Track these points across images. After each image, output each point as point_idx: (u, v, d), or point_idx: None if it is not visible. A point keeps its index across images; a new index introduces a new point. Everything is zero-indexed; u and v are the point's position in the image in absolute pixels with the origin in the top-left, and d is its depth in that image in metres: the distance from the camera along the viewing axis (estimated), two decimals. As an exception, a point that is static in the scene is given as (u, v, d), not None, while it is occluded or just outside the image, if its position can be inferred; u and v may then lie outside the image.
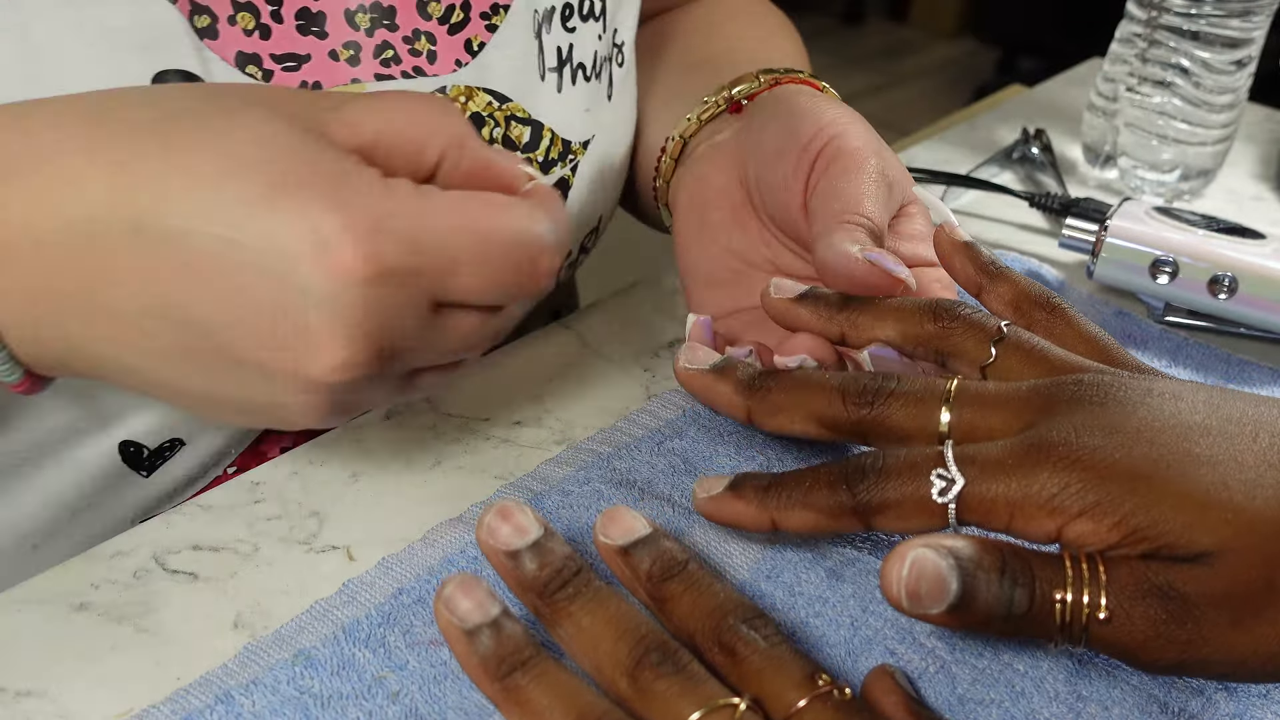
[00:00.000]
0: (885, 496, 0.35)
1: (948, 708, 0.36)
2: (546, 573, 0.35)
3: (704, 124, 0.53)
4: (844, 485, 0.36)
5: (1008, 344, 0.39)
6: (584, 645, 0.34)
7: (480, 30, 0.49)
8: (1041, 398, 0.36)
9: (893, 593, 0.33)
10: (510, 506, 0.36)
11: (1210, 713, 0.37)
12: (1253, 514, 0.32)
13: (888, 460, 0.36)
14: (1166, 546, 0.32)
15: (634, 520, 0.37)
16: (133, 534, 0.43)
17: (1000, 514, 0.34)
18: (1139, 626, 0.32)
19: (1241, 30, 0.66)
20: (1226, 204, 0.72)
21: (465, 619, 0.34)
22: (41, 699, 0.37)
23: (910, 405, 0.37)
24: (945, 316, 0.40)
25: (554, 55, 0.52)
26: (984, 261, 0.43)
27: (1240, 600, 0.32)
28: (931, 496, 0.35)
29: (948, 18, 3.52)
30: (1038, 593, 0.33)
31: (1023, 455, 0.34)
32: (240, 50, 0.43)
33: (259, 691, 0.36)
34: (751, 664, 0.33)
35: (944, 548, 0.33)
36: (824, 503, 0.36)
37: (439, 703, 0.36)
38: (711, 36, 0.62)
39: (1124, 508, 0.33)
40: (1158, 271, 0.58)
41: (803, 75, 0.52)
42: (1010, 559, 0.33)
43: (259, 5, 0.44)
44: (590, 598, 0.35)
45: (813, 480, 0.37)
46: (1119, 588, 0.33)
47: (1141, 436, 0.34)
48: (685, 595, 0.35)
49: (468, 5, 0.49)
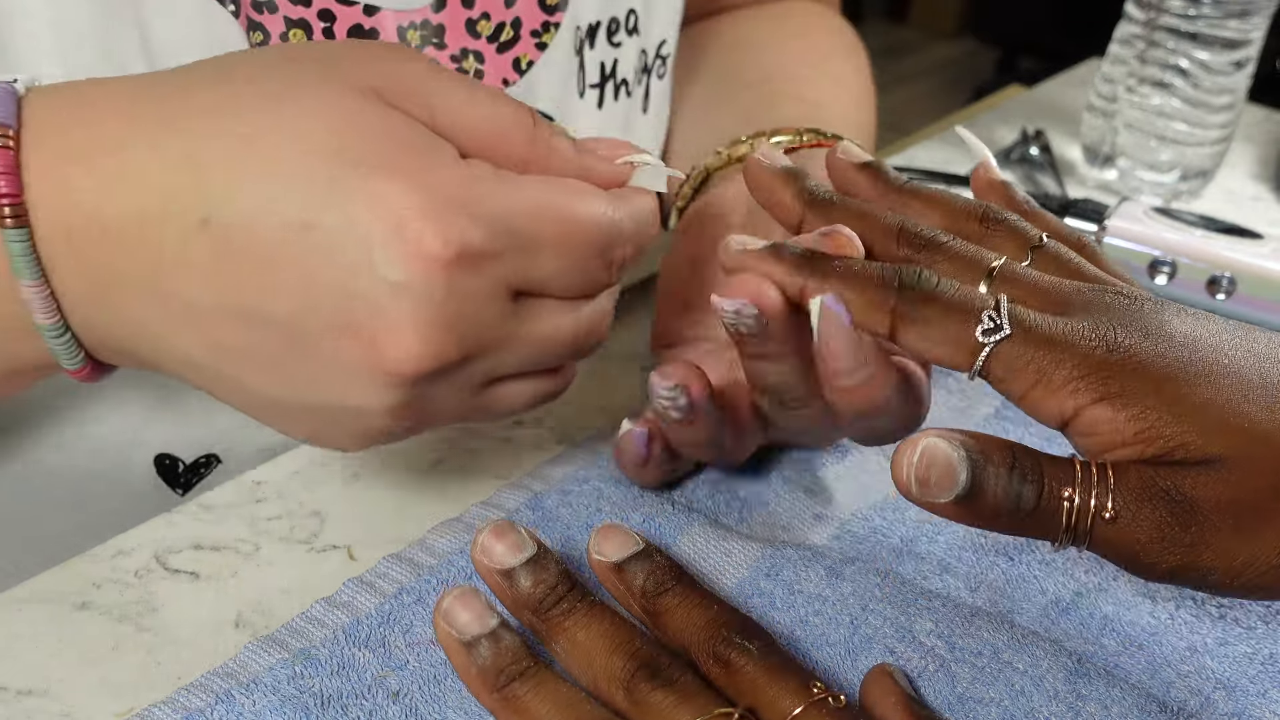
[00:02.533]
0: (929, 313, 0.34)
1: (947, 706, 0.36)
2: (541, 589, 0.36)
3: (733, 161, 0.50)
4: (892, 286, 0.35)
5: (1045, 253, 0.38)
6: (579, 660, 0.35)
7: (530, 49, 0.49)
8: (1083, 296, 0.36)
9: (902, 478, 0.33)
10: (504, 525, 0.37)
11: (1209, 712, 0.37)
12: (1270, 427, 0.33)
13: (944, 284, 0.35)
14: (1181, 447, 0.33)
15: (626, 536, 0.38)
16: (134, 533, 0.43)
17: (1025, 379, 0.34)
18: (1143, 528, 0.32)
19: (1240, 31, 0.67)
20: (1225, 204, 0.72)
21: (464, 630, 0.34)
22: (43, 698, 0.37)
23: (957, 264, 0.37)
24: (991, 219, 0.39)
25: (596, 71, 0.52)
26: (1018, 200, 0.42)
27: (1246, 507, 0.32)
28: (974, 333, 0.34)
29: (947, 18, 3.52)
30: (1046, 490, 0.33)
31: (1064, 334, 0.34)
32: None
33: (259, 691, 0.36)
34: (746, 674, 0.34)
35: (956, 439, 0.33)
36: (865, 292, 0.35)
37: (439, 702, 0.36)
38: (765, 54, 0.60)
39: (1145, 401, 0.33)
40: (1156, 272, 0.58)
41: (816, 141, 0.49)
42: (1021, 456, 0.33)
43: (311, 22, 0.44)
44: (585, 613, 0.35)
45: (862, 268, 0.35)
46: (1126, 489, 0.33)
47: (1175, 342, 0.34)
48: (679, 609, 0.36)
49: (518, 23, 0.48)
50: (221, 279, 0.32)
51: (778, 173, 0.40)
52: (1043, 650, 0.38)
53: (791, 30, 0.63)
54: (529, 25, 0.49)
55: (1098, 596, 0.41)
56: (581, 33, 0.51)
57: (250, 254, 0.31)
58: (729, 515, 0.45)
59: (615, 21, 0.52)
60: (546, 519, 0.43)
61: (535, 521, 0.43)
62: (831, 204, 0.39)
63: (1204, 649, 0.40)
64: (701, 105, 0.58)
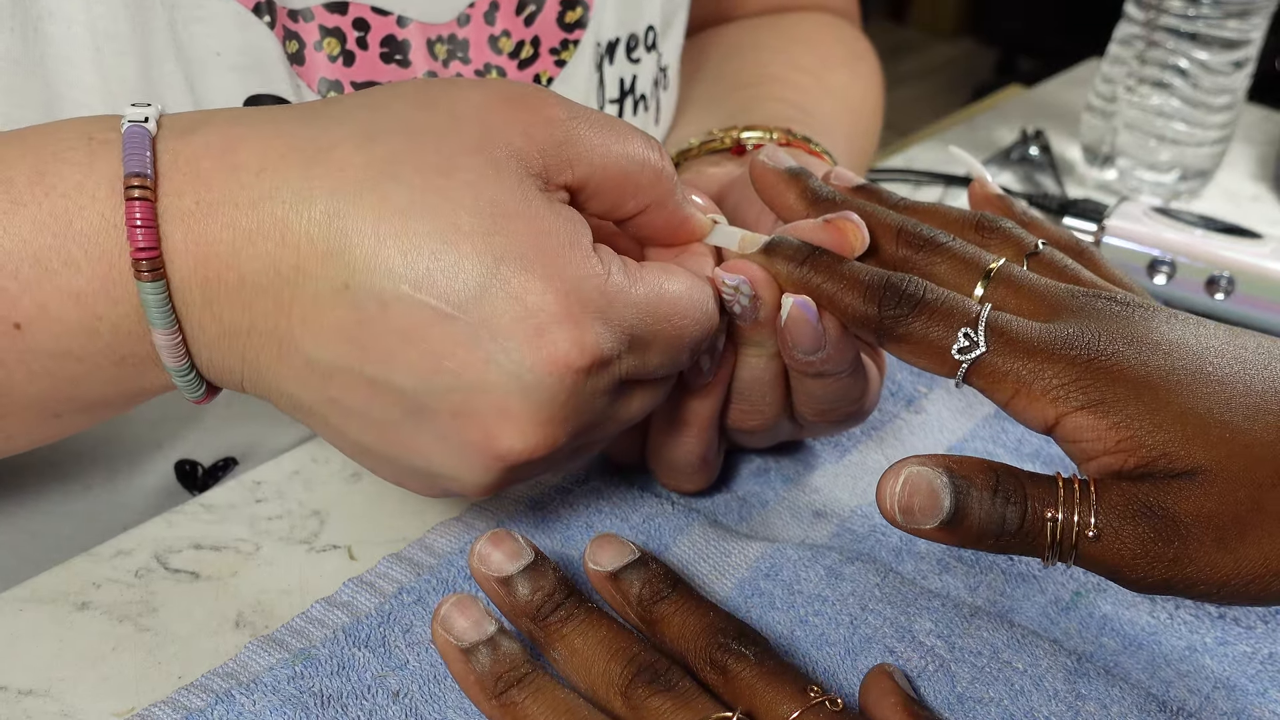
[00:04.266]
0: (910, 330, 0.35)
1: (947, 706, 0.36)
2: (539, 597, 0.36)
3: (704, 152, 0.51)
4: (877, 301, 0.36)
5: (1041, 259, 0.39)
6: (578, 667, 0.35)
7: (549, 66, 0.49)
8: (1075, 301, 0.36)
9: (886, 508, 0.33)
10: (501, 533, 0.37)
11: (1209, 711, 0.37)
12: (1251, 437, 0.33)
13: (928, 295, 0.36)
14: (1163, 458, 0.33)
15: (621, 545, 0.38)
16: (134, 533, 0.43)
17: (1005, 389, 0.34)
18: (1127, 545, 0.33)
19: (1239, 31, 0.67)
20: (1224, 204, 0.72)
21: (461, 637, 0.34)
22: (44, 698, 0.37)
23: (955, 264, 0.37)
24: (987, 228, 0.40)
25: (615, 87, 0.52)
26: (1016, 212, 0.43)
27: (1227, 520, 0.32)
28: (950, 350, 0.35)
29: (947, 18, 3.52)
30: (1029, 511, 0.33)
31: (1046, 341, 0.34)
32: (323, 76, 0.44)
33: (260, 691, 0.36)
34: (743, 680, 0.34)
35: (939, 465, 0.33)
36: (851, 305, 0.36)
37: (439, 702, 0.36)
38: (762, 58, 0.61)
39: (1127, 410, 0.33)
40: (1155, 271, 0.58)
41: (813, 146, 0.50)
42: (1003, 477, 0.34)
43: (345, 31, 0.44)
44: (583, 619, 0.36)
45: (850, 279, 0.37)
46: (1109, 507, 0.33)
47: (1159, 349, 0.34)
48: (675, 616, 0.36)
49: (537, 41, 0.49)
50: (351, 344, 0.32)
51: (782, 173, 0.41)
52: (1042, 650, 0.38)
53: (794, 36, 0.63)
54: (548, 44, 0.49)
55: (1097, 596, 0.41)
56: (602, 49, 0.51)
57: (386, 327, 0.31)
58: (728, 515, 0.45)
59: (635, 38, 0.52)
60: (546, 519, 0.43)
61: (535, 522, 0.43)
62: (835, 204, 0.40)
63: (1203, 648, 0.40)
64: (695, 106, 0.59)
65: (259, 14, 0.41)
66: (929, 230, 0.38)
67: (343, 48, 0.44)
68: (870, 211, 0.39)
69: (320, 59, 0.43)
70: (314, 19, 0.43)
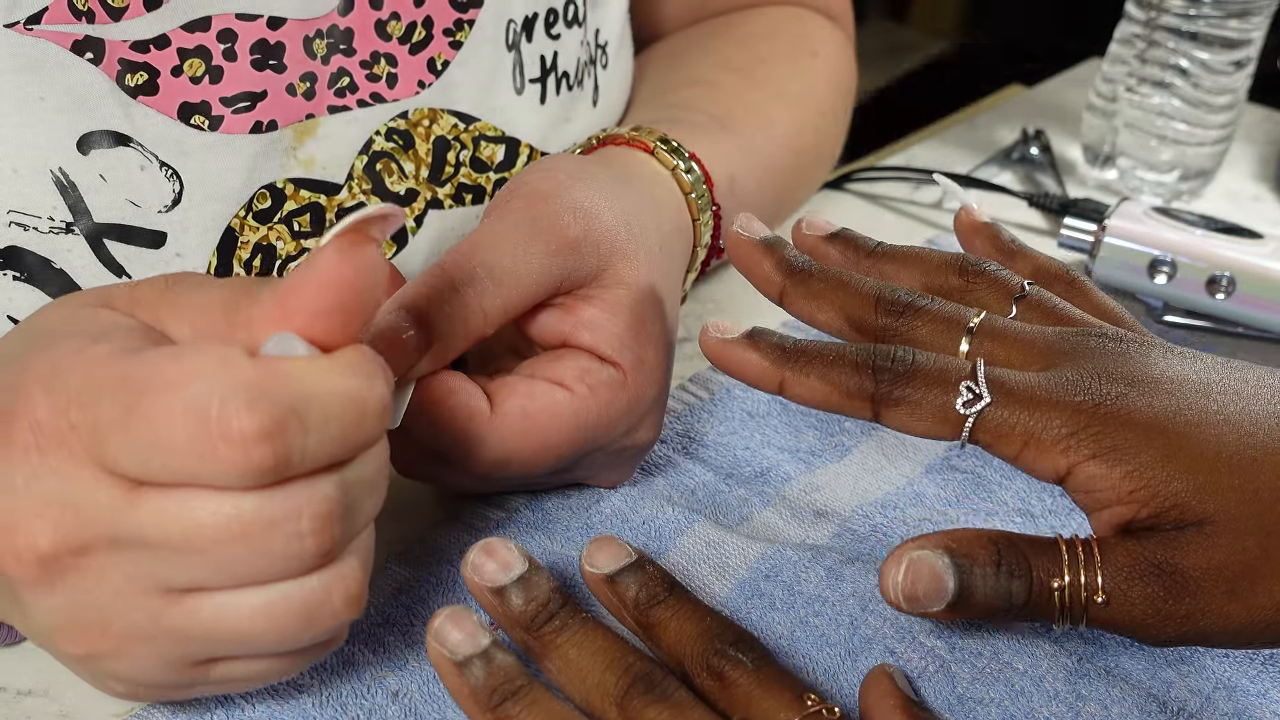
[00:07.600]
0: (908, 393, 0.35)
1: (947, 707, 0.36)
2: (533, 607, 0.36)
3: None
4: (870, 369, 0.35)
5: (1029, 301, 0.38)
6: (572, 677, 0.35)
7: (444, 48, 0.48)
8: (1066, 343, 0.36)
9: (890, 596, 0.34)
10: (495, 543, 0.37)
11: (1209, 712, 0.37)
12: (1259, 482, 0.33)
13: (919, 358, 0.35)
14: (1175, 509, 0.33)
15: (619, 548, 0.38)
16: (133, 534, 0.43)
17: (1014, 442, 0.34)
18: (1137, 606, 0.33)
19: (1240, 31, 0.66)
20: (1225, 204, 0.72)
21: (456, 650, 0.34)
22: (43, 698, 0.37)
23: (936, 325, 0.37)
24: (971, 271, 0.39)
25: (536, 65, 0.51)
26: (1004, 240, 0.42)
27: (1237, 571, 0.32)
28: (955, 405, 0.34)
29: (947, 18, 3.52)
30: (1035, 582, 0.33)
31: (1047, 389, 0.34)
32: (186, 101, 0.42)
33: (259, 691, 0.36)
34: (740, 687, 0.34)
35: (939, 546, 0.33)
36: (844, 381, 0.35)
37: (439, 702, 0.36)
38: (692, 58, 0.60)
39: (1140, 458, 0.33)
40: (1156, 271, 0.58)
41: (627, 137, 0.48)
42: (1005, 550, 0.33)
43: (210, 47, 0.42)
44: (577, 629, 0.35)
45: (838, 356, 0.36)
46: (1114, 569, 0.33)
47: (1161, 388, 0.34)
48: (672, 621, 0.36)
49: (430, 22, 0.47)
50: None
51: (757, 244, 0.40)
52: (1043, 650, 0.38)
53: (734, 37, 0.61)
54: (441, 24, 0.47)
55: (1098, 596, 0.41)
56: (516, 26, 0.49)
57: None
58: (729, 515, 0.45)
59: (554, 13, 0.51)
60: (546, 520, 0.43)
61: (534, 523, 0.43)
62: (811, 274, 0.39)
63: (1204, 649, 0.40)
64: (629, 112, 0.58)
65: (78, 52, 0.39)
66: (906, 294, 0.38)
67: (208, 65, 0.42)
68: (845, 281, 0.38)
69: (180, 84, 0.41)
70: (170, 44, 0.41)
